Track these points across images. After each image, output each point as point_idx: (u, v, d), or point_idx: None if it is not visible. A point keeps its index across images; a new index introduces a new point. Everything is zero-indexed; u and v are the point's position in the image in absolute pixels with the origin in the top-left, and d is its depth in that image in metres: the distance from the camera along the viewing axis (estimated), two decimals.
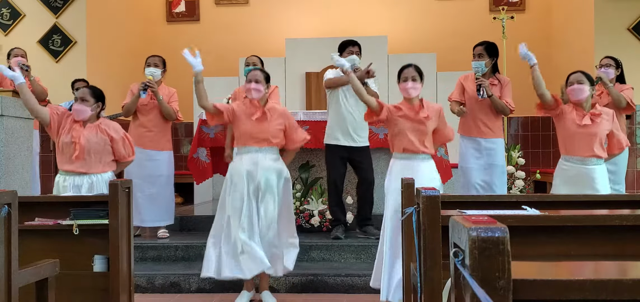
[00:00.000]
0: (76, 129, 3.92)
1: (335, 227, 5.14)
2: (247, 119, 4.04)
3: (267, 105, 4.12)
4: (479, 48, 4.89)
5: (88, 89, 4.04)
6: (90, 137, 3.91)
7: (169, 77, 5.69)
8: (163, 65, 5.27)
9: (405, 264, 3.17)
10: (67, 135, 3.92)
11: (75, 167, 3.90)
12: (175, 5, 9.01)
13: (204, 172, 5.73)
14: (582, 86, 4.08)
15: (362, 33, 8.27)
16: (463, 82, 4.98)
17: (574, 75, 4.17)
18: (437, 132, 4.10)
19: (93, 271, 3.31)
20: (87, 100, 3.95)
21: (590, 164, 4.08)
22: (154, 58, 5.26)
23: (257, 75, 4.09)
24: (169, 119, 5.26)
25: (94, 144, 3.91)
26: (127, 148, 4.08)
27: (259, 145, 4.03)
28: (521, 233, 2.34)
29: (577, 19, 7.40)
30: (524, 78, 8.17)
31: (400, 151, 3.97)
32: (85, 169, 3.90)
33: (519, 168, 6.46)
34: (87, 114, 3.94)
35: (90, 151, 3.90)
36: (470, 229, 1.22)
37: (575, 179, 4.10)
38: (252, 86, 4.05)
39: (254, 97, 4.05)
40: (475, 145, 4.88)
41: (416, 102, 4.03)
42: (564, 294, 1.26)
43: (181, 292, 4.60)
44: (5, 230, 2.45)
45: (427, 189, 2.58)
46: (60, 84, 6.61)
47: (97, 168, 3.93)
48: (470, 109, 4.88)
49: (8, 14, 7.31)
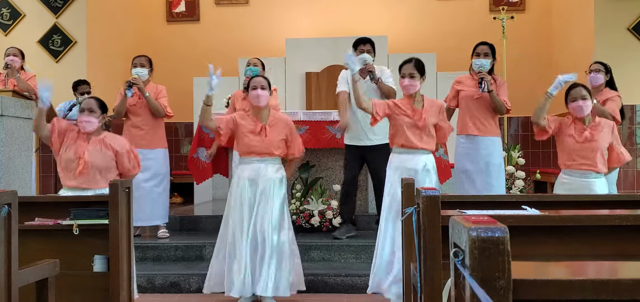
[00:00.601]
0: (80, 145, 3.84)
1: (341, 226, 5.14)
2: (249, 133, 4.06)
3: (271, 116, 4.13)
4: (485, 47, 4.87)
5: (94, 100, 3.94)
6: (94, 152, 3.82)
7: (169, 77, 5.70)
8: (149, 64, 5.28)
9: (405, 264, 3.17)
10: (71, 150, 3.84)
11: (78, 182, 3.81)
12: (175, 5, 9.01)
13: (204, 172, 5.73)
14: (586, 102, 3.98)
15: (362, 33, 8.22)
16: (456, 86, 4.99)
17: (576, 91, 4.04)
18: (439, 129, 4.11)
19: (93, 271, 3.31)
20: (94, 111, 3.86)
21: (590, 178, 4.01)
22: (139, 58, 5.28)
23: (262, 82, 4.10)
24: (157, 115, 5.24)
25: (98, 160, 3.82)
26: (132, 162, 3.98)
27: (261, 156, 4.07)
28: (521, 233, 2.33)
29: (577, 19, 7.40)
30: (523, 78, 8.21)
31: (399, 146, 4.01)
32: (88, 184, 3.81)
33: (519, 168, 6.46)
34: (94, 125, 3.85)
35: (94, 167, 3.81)
36: (470, 229, 1.22)
37: (575, 192, 4.06)
38: (259, 92, 4.05)
39: (261, 104, 4.07)
40: (471, 143, 4.88)
41: (417, 98, 4.03)
42: (564, 294, 1.26)
43: (181, 292, 4.60)
44: (5, 230, 2.45)
45: (427, 189, 2.58)
46: (60, 84, 6.58)
47: (101, 183, 3.83)
48: (467, 107, 4.89)
49: (8, 14, 7.31)
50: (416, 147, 3.96)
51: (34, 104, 4.88)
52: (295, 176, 5.71)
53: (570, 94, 4.07)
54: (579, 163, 4.04)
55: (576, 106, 4.00)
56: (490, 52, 4.87)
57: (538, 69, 8.31)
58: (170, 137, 8.34)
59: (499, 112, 4.90)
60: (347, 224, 5.15)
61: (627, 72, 6.56)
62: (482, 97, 4.81)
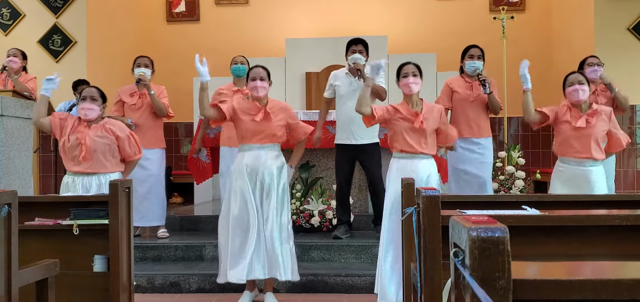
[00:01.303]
0: (81, 130, 3.91)
1: (339, 226, 5.14)
2: (249, 119, 4.03)
3: (269, 104, 4.12)
4: (477, 50, 4.96)
5: (95, 89, 4.04)
6: (96, 137, 3.90)
7: (169, 77, 5.71)
8: (152, 65, 5.32)
9: (405, 264, 3.17)
10: (73, 136, 3.91)
11: (82, 168, 3.89)
12: (175, 5, 9.01)
13: (204, 172, 5.74)
14: (583, 86, 4.02)
15: (362, 33, 8.24)
16: (450, 86, 5.01)
17: (573, 76, 4.09)
18: (440, 133, 4.08)
19: (93, 271, 3.31)
20: (96, 99, 3.95)
21: (586, 165, 4.05)
22: (143, 58, 5.30)
23: (261, 73, 4.07)
24: (160, 114, 5.27)
25: (100, 144, 3.90)
26: (133, 147, 4.06)
27: (261, 142, 4.04)
28: (521, 233, 2.34)
29: (577, 19, 7.40)
30: None
31: (398, 151, 3.97)
32: (93, 169, 3.90)
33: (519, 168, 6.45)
34: (96, 113, 3.94)
35: (97, 151, 3.89)
36: (470, 229, 1.22)
37: (572, 180, 4.07)
38: (258, 84, 4.03)
39: (260, 95, 4.04)
40: (467, 144, 4.92)
41: (416, 101, 4.01)
42: (564, 294, 1.26)
43: (181, 292, 4.60)
44: (5, 230, 2.45)
45: (427, 189, 2.58)
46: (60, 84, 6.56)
47: (105, 168, 3.93)
48: (463, 110, 4.93)
49: (8, 14, 7.31)
50: (416, 151, 3.91)
51: (33, 104, 4.89)
52: (296, 176, 5.71)
53: (568, 80, 4.12)
54: (574, 151, 4.06)
55: (573, 90, 4.05)
56: (481, 53, 4.94)
57: (538, 69, 8.28)
58: (170, 137, 8.36)
59: (494, 112, 4.98)
60: (344, 225, 5.15)
61: (627, 72, 6.56)
62: (477, 99, 4.86)
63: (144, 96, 5.22)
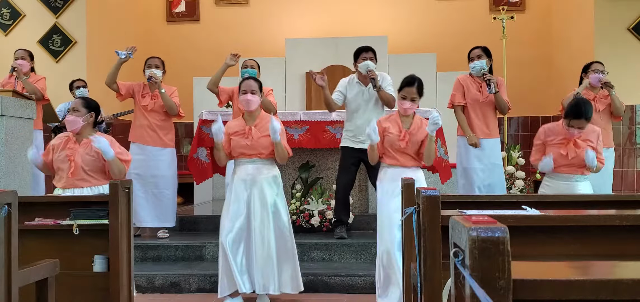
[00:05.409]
0: (70, 147, 3.87)
1: (339, 227, 5.14)
2: (236, 136, 4.11)
3: (258, 118, 4.13)
4: (478, 50, 4.97)
5: (81, 100, 3.99)
6: (85, 155, 3.85)
7: (169, 76, 5.72)
8: (162, 66, 5.37)
9: (405, 264, 3.17)
10: (62, 151, 3.87)
11: (66, 183, 3.84)
12: (175, 5, 9.01)
13: (204, 172, 5.73)
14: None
15: (362, 33, 8.27)
16: (462, 83, 5.00)
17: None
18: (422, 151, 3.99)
19: (93, 271, 3.31)
20: (78, 110, 3.89)
21: (573, 181, 4.12)
22: (154, 59, 5.35)
23: (252, 86, 4.11)
24: (171, 112, 5.31)
25: (88, 162, 3.84)
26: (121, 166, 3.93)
27: (250, 158, 4.10)
28: (521, 233, 2.34)
29: (577, 19, 7.40)
30: (523, 79, 8.21)
31: (387, 164, 4.01)
32: (75, 184, 3.83)
33: (519, 168, 6.46)
34: (78, 124, 3.86)
35: (86, 169, 3.84)
36: (470, 229, 1.22)
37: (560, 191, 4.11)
38: (249, 97, 4.08)
39: (251, 108, 4.09)
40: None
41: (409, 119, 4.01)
42: (564, 294, 1.26)
43: (181, 292, 4.60)
44: (5, 230, 2.45)
45: (427, 189, 2.58)
46: (61, 84, 6.61)
47: (92, 182, 3.86)
48: (474, 110, 4.94)
49: (8, 14, 7.31)
50: (405, 165, 3.97)
51: (34, 104, 4.89)
52: (295, 176, 5.71)
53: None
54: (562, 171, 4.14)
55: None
56: (484, 53, 4.93)
57: (538, 69, 8.32)
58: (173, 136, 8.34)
59: (501, 112, 4.98)
60: (344, 225, 5.16)
61: (627, 72, 6.56)
62: (487, 99, 4.86)
63: (156, 97, 5.28)
